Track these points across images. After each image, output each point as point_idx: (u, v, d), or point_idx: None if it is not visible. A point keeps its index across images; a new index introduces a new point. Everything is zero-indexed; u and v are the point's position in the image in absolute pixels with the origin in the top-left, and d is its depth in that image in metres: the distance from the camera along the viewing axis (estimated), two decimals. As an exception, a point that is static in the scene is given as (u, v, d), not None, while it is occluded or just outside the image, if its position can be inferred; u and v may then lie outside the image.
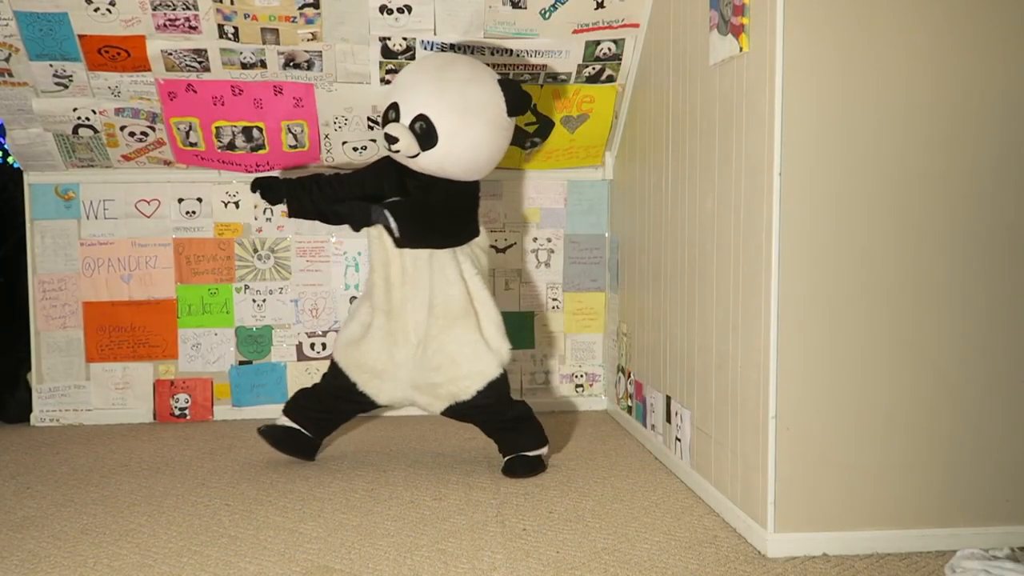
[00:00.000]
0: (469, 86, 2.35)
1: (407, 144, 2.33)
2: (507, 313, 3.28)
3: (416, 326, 2.44)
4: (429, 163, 2.38)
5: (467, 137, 2.34)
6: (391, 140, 2.33)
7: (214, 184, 3.16)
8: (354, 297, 3.20)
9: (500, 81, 2.41)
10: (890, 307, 1.90)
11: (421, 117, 2.32)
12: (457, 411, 2.48)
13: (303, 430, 2.58)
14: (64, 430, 3.07)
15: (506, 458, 2.51)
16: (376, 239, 2.43)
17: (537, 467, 2.50)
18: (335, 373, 2.55)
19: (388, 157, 2.49)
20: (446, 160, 2.37)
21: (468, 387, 2.43)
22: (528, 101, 2.46)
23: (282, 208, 2.44)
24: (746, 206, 2.00)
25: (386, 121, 2.39)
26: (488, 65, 2.83)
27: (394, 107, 2.38)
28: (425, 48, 2.77)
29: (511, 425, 2.51)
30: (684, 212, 2.43)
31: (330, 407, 2.58)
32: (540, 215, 3.29)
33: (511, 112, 2.40)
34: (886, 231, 1.89)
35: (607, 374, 3.31)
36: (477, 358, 2.43)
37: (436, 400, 2.48)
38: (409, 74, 2.42)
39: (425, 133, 2.32)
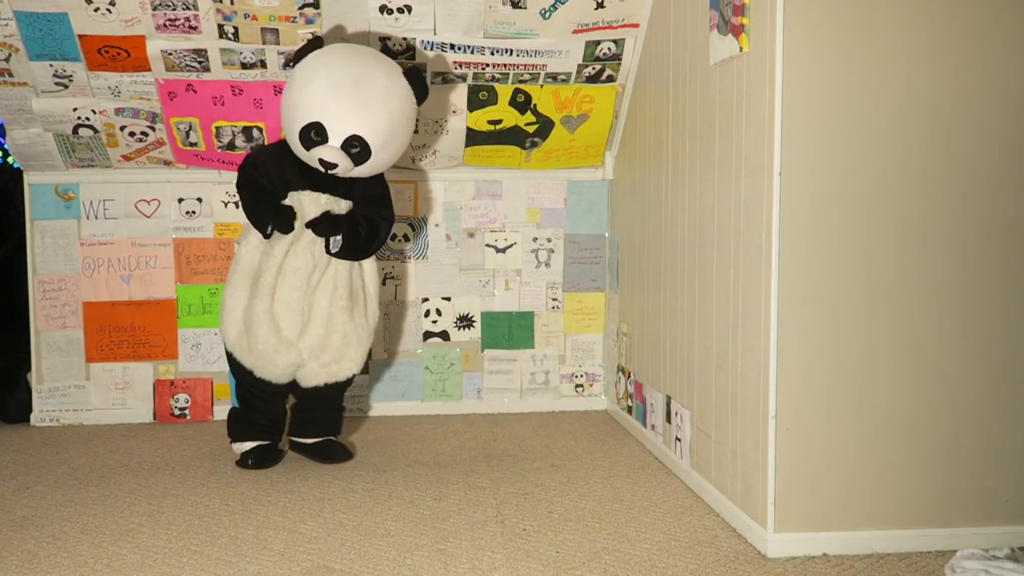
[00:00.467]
0: (390, 98, 2.38)
1: (345, 167, 2.40)
2: (507, 313, 3.30)
3: (308, 308, 2.50)
4: (359, 172, 2.46)
5: (395, 143, 2.45)
6: (329, 166, 2.37)
7: (214, 184, 3.16)
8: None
9: (405, 73, 2.47)
10: (890, 307, 1.90)
11: (355, 139, 2.36)
12: (322, 390, 2.59)
13: (267, 442, 2.61)
14: (64, 430, 3.07)
15: (315, 440, 2.63)
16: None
17: (350, 454, 2.67)
18: (234, 366, 2.57)
19: (283, 142, 2.54)
20: (375, 167, 2.48)
21: (348, 368, 2.58)
22: (426, 87, 2.54)
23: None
24: (746, 206, 2.00)
25: (310, 141, 2.36)
26: (487, 65, 2.84)
27: (317, 128, 2.34)
28: (425, 48, 2.77)
29: (334, 408, 2.67)
30: (684, 212, 2.43)
31: (253, 403, 2.59)
32: (540, 215, 3.29)
33: (419, 102, 2.50)
34: (886, 231, 1.89)
35: (607, 374, 3.31)
36: (361, 343, 2.58)
37: (316, 376, 2.56)
38: (324, 90, 2.34)
39: (361, 153, 2.39)
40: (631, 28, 2.79)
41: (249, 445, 2.57)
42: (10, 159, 3.57)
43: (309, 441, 2.63)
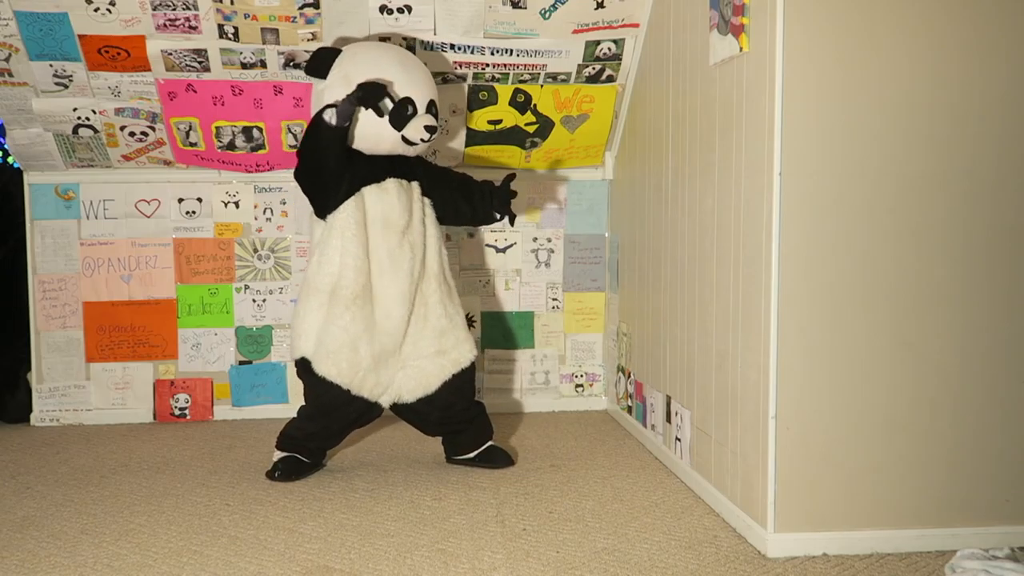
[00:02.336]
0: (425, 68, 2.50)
1: (434, 132, 2.45)
2: (507, 313, 3.30)
3: (410, 307, 2.41)
4: (424, 147, 2.50)
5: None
6: (433, 130, 2.42)
7: (214, 184, 3.16)
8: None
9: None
10: (890, 307, 1.90)
11: (432, 104, 2.46)
12: (452, 385, 2.45)
13: (304, 459, 2.48)
14: (64, 430, 3.07)
15: (476, 453, 2.56)
16: (357, 226, 2.35)
17: (510, 459, 2.58)
18: (323, 388, 2.37)
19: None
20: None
21: (469, 351, 2.50)
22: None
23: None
24: (746, 206, 2.00)
25: (403, 116, 2.36)
26: (487, 65, 2.84)
27: (409, 102, 2.38)
28: (425, 48, 2.77)
29: (475, 415, 2.55)
30: (684, 212, 2.43)
31: (331, 429, 2.45)
32: (540, 215, 3.29)
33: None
34: (886, 231, 1.89)
35: (607, 374, 3.31)
36: (464, 324, 2.55)
37: (434, 376, 2.43)
38: (394, 65, 2.38)
39: (436, 116, 2.48)
40: (631, 28, 2.79)
41: (279, 455, 2.47)
42: (10, 159, 3.56)
43: (472, 455, 2.55)
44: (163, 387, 3.17)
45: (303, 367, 2.39)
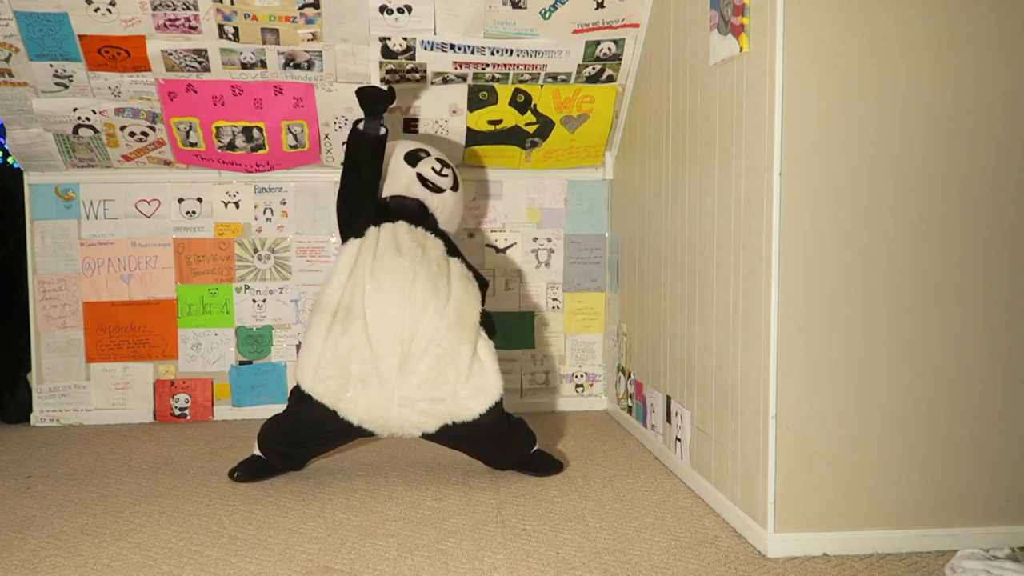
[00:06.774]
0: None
1: (447, 181, 2.61)
2: (507, 313, 3.30)
3: (410, 335, 2.26)
4: (444, 206, 2.63)
5: (458, 207, 2.74)
6: (440, 173, 2.57)
7: (214, 184, 3.16)
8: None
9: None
10: (890, 307, 1.90)
11: (444, 162, 2.63)
12: (452, 431, 2.31)
13: (274, 463, 2.45)
14: (64, 430, 3.07)
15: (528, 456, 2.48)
16: (371, 237, 2.35)
17: (560, 465, 2.52)
18: (308, 405, 2.28)
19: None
20: (451, 215, 2.70)
21: (471, 409, 2.28)
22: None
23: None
24: (746, 206, 2.00)
25: (415, 157, 2.59)
26: (487, 65, 2.84)
27: (422, 151, 2.61)
28: (425, 48, 2.77)
29: (510, 440, 2.43)
30: (684, 212, 2.43)
31: (298, 441, 2.36)
32: (540, 215, 3.29)
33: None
34: (886, 231, 1.89)
35: (607, 374, 3.31)
36: (483, 375, 2.30)
37: (429, 417, 2.27)
38: (412, 144, 2.63)
39: (453, 176, 2.65)
40: (631, 28, 2.79)
41: (256, 452, 2.44)
42: (10, 159, 3.57)
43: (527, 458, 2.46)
44: (163, 387, 3.17)
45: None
